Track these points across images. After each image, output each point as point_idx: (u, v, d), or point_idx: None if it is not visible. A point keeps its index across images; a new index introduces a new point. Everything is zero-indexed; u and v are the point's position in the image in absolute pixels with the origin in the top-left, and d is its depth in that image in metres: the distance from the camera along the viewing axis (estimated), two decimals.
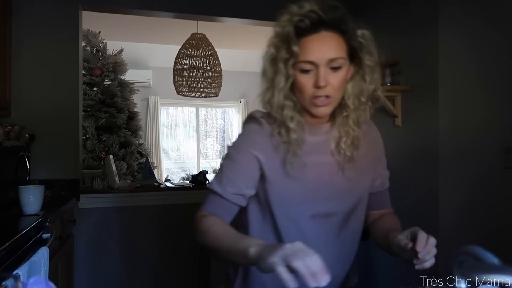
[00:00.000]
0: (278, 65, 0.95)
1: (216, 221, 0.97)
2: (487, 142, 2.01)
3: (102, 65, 4.37)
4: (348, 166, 1.03)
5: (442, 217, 2.19)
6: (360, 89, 1.00)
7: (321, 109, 0.96)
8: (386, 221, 1.13)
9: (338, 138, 1.03)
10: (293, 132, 0.98)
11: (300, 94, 0.96)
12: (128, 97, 4.57)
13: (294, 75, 0.95)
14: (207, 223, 0.97)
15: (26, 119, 2.58)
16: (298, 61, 0.93)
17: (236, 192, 1.01)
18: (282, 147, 1.00)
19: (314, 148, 1.02)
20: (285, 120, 0.98)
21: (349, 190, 1.05)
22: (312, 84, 0.93)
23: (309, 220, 1.03)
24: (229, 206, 1.02)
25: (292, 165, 0.99)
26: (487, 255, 0.58)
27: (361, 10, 3.00)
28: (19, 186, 1.99)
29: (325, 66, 0.92)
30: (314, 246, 0.96)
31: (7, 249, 1.35)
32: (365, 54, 0.98)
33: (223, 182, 1.02)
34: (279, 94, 0.96)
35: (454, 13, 2.18)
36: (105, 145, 4.27)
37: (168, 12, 2.97)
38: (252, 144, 1.03)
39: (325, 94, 0.93)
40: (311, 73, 0.93)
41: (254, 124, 1.05)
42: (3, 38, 2.38)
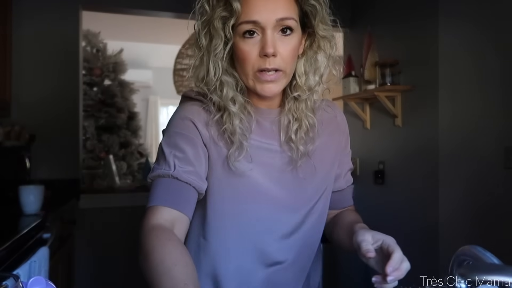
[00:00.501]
0: (214, 27, 0.76)
1: (168, 244, 0.69)
2: (486, 142, 2.01)
3: (102, 65, 4.37)
4: (302, 163, 0.85)
5: (441, 216, 2.20)
6: (314, 67, 0.83)
7: (268, 86, 0.78)
8: (348, 214, 0.96)
9: (289, 127, 0.84)
10: (237, 117, 0.79)
11: (241, 66, 0.78)
12: (128, 97, 4.57)
13: (234, 41, 0.77)
14: (153, 243, 0.69)
15: (26, 119, 2.58)
16: (239, 23, 0.75)
17: (190, 170, 0.79)
18: (223, 137, 0.82)
19: (260, 139, 0.85)
20: (226, 102, 0.79)
21: (307, 192, 0.88)
22: (257, 53, 0.76)
23: (252, 225, 0.86)
24: (185, 190, 0.78)
25: (236, 160, 0.81)
26: (487, 255, 0.58)
27: (361, 10, 3.00)
28: (19, 186, 1.99)
29: (273, 29, 0.75)
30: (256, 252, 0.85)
31: (7, 249, 1.35)
32: (319, 22, 0.80)
33: (169, 162, 0.79)
34: (217, 65, 0.78)
35: (454, 13, 2.18)
36: (105, 145, 4.27)
37: (168, 12, 2.97)
38: (189, 111, 0.84)
39: (274, 67, 0.76)
40: (256, 38, 0.76)
41: (191, 101, 0.87)
42: (3, 38, 2.38)
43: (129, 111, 4.54)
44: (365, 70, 2.67)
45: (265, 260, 0.87)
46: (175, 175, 0.78)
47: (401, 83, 2.48)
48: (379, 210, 2.67)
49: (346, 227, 0.89)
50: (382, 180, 2.65)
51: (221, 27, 0.76)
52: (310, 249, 0.93)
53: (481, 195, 2.03)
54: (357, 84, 2.82)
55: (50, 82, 2.69)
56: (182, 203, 0.77)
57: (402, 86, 2.45)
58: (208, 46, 0.78)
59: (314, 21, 0.80)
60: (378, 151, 2.71)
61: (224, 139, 0.82)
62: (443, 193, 2.19)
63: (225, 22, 0.76)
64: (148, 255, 0.67)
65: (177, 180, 0.78)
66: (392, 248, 0.70)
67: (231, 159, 0.81)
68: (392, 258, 0.68)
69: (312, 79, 0.83)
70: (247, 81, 0.80)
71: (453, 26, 2.18)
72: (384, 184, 2.64)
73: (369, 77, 2.65)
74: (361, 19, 2.97)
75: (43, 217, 1.86)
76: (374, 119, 2.80)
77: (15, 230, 1.57)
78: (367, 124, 2.83)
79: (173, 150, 0.80)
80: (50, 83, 2.69)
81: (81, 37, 2.85)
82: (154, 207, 0.76)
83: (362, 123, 2.87)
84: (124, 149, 4.40)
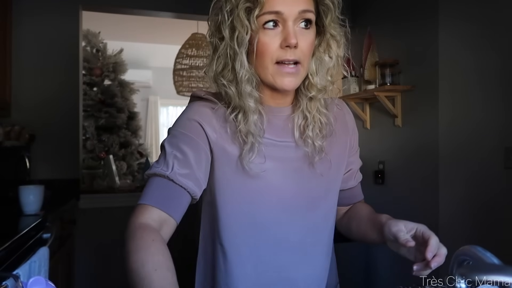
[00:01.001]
0: (239, 17, 0.74)
1: (151, 246, 0.68)
2: (486, 142, 2.01)
3: (102, 65, 4.37)
4: (319, 159, 0.85)
5: (442, 217, 2.19)
6: (324, 66, 0.83)
7: (289, 80, 0.77)
8: (362, 208, 0.97)
9: (304, 125, 0.84)
10: (253, 114, 0.78)
11: (261, 58, 0.77)
12: (128, 97, 4.58)
13: (254, 32, 0.75)
14: (137, 242, 0.68)
15: (26, 119, 2.58)
16: (262, 13, 0.74)
17: (187, 173, 0.77)
18: (235, 138, 0.81)
19: (273, 138, 0.83)
20: (244, 97, 0.77)
21: (323, 189, 0.88)
22: (277, 45, 0.75)
23: (268, 229, 0.84)
24: (179, 193, 0.77)
25: (250, 160, 0.79)
26: (487, 255, 0.58)
27: (361, 10, 3.00)
28: (19, 186, 1.99)
29: (294, 22, 0.75)
30: (270, 260, 0.84)
31: (7, 249, 1.35)
32: (330, 21, 0.80)
33: (168, 163, 0.78)
34: (241, 56, 0.76)
35: (454, 13, 2.18)
36: (105, 145, 4.27)
37: (168, 12, 2.97)
38: (197, 113, 0.82)
39: (294, 59, 0.76)
40: (277, 30, 0.76)
41: (200, 101, 0.85)
42: (3, 38, 2.38)
43: (129, 111, 4.54)
44: (365, 70, 2.68)
45: (279, 262, 0.86)
46: (171, 176, 0.76)
47: (401, 83, 2.48)
48: (379, 210, 2.65)
49: (367, 220, 0.90)
50: (382, 180, 2.65)
51: (246, 18, 0.74)
52: (322, 245, 0.91)
53: (481, 195, 2.03)
54: (357, 84, 2.82)
55: (50, 82, 2.69)
56: (172, 207, 0.76)
57: (402, 86, 2.45)
58: (231, 37, 0.76)
59: (326, 20, 0.80)
60: (378, 151, 2.71)
61: (236, 139, 0.81)
62: (443, 193, 2.19)
63: (249, 13, 0.74)
64: (131, 255, 0.67)
65: (172, 182, 0.76)
66: (428, 234, 0.72)
67: (244, 159, 0.79)
68: (430, 244, 0.70)
69: (324, 78, 0.83)
70: (266, 75, 0.78)
71: (453, 26, 2.18)
72: (384, 184, 2.64)
73: (369, 77, 2.65)
74: (361, 19, 2.97)
75: (43, 217, 1.86)
76: (374, 119, 2.80)
77: (15, 230, 1.57)
78: (367, 124, 2.83)
79: (174, 150, 0.79)
80: (50, 83, 2.69)
81: (81, 37, 2.85)
82: (144, 206, 0.76)
83: (362, 123, 2.87)
84: (124, 149, 4.40)
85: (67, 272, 2.38)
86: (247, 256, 0.85)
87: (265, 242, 0.85)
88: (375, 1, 2.82)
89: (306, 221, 0.87)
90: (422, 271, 0.71)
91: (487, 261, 0.57)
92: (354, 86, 2.80)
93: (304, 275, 0.88)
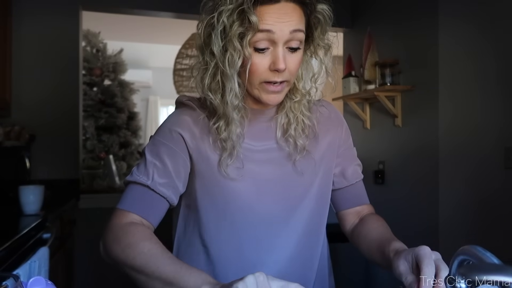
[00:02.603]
0: (232, 42, 0.75)
1: (147, 236, 0.74)
2: (486, 141, 2.01)
3: (102, 65, 4.38)
4: (300, 158, 0.87)
5: (441, 217, 2.20)
6: (309, 71, 0.86)
7: (273, 96, 0.80)
8: (373, 227, 0.92)
9: (287, 125, 0.86)
10: (235, 125, 0.81)
11: (249, 77, 0.78)
12: (128, 97, 4.58)
13: (246, 51, 0.77)
14: (134, 236, 0.74)
15: (26, 119, 2.58)
16: (253, 34, 0.76)
17: (166, 182, 0.82)
18: (218, 144, 0.84)
19: (252, 143, 0.86)
20: (229, 110, 0.80)
21: (305, 188, 0.89)
22: (267, 66, 0.77)
23: (249, 227, 0.86)
24: (158, 202, 0.82)
25: (228, 165, 0.83)
26: (487, 255, 0.57)
27: (361, 10, 3.00)
28: (19, 186, 1.99)
29: (284, 44, 0.77)
30: (254, 256, 0.85)
31: (7, 249, 1.35)
32: (320, 33, 0.82)
33: (149, 171, 0.82)
34: (232, 78, 0.78)
35: (454, 13, 2.18)
36: (105, 145, 4.27)
37: (168, 12, 2.97)
38: (177, 123, 0.86)
39: (282, 80, 0.78)
40: (267, 52, 0.77)
41: (184, 108, 0.88)
42: (3, 38, 2.38)
43: (129, 111, 4.54)
44: (365, 70, 2.68)
45: (263, 261, 0.87)
46: (152, 186, 0.81)
47: (401, 83, 2.48)
48: (379, 210, 2.65)
49: (377, 245, 0.86)
50: (382, 180, 2.65)
51: (239, 43, 0.75)
52: (309, 245, 0.92)
53: (481, 195, 2.03)
54: (357, 84, 2.82)
55: (50, 82, 2.69)
56: (152, 214, 0.82)
57: (402, 86, 2.45)
58: (222, 58, 0.77)
59: (316, 31, 0.82)
60: (378, 151, 2.71)
61: (217, 146, 0.84)
62: (443, 193, 2.19)
63: (242, 38, 0.75)
64: (132, 243, 0.72)
65: (153, 191, 0.81)
66: (421, 258, 0.66)
67: (223, 165, 0.82)
68: (422, 273, 0.65)
69: (308, 83, 0.86)
70: (252, 90, 0.81)
71: (453, 26, 2.18)
72: (384, 184, 2.64)
73: (369, 77, 2.65)
74: (361, 19, 2.97)
75: (43, 217, 1.86)
76: (374, 119, 2.80)
77: (15, 230, 1.57)
78: (367, 124, 2.83)
79: (154, 159, 0.83)
80: (50, 83, 2.69)
81: (81, 37, 2.85)
82: (125, 211, 0.80)
83: (362, 123, 2.87)
84: (124, 149, 4.40)
85: (67, 272, 2.38)
86: (231, 256, 0.87)
87: (248, 243, 0.86)
88: (375, 1, 2.81)
89: (290, 221, 0.88)
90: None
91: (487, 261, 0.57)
92: (354, 86, 2.80)
93: (289, 275, 0.87)
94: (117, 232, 0.76)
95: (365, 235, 0.91)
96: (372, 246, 0.87)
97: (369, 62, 2.65)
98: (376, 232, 0.89)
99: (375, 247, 0.85)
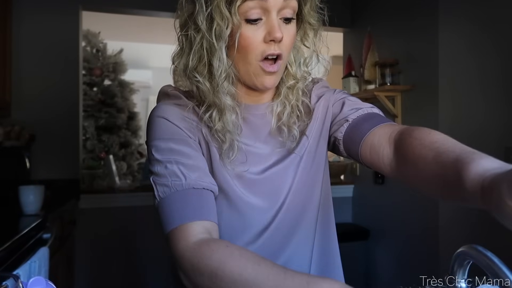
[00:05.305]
0: (218, 9, 0.67)
1: (226, 254, 0.59)
2: (486, 141, 2.01)
3: (102, 65, 4.38)
4: (295, 146, 0.80)
5: (441, 217, 2.19)
6: (302, 55, 0.80)
7: (269, 79, 0.73)
8: (431, 141, 0.64)
9: (281, 113, 0.79)
10: (229, 113, 0.73)
11: (244, 54, 0.71)
12: (128, 97, 4.58)
13: (235, 25, 0.69)
14: (211, 258, 0.59)
15: (26, 119, 2.58)
16: (244, 1, 0.68)
17: (199, 175, 0.70)
18: (215, 136, 0.75)
19: (248, 141, 0.79)
20: (221, 95, 0.72)
21: (309, 175, 0.82)
22: (261, 39, 0.70)
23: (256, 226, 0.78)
24: (206, 196, 0.69)
25: (231, 160, 0.75)
26: (487, 254, 0.58)
27: (361, 10, 3.00)
28: (19, 186, 1.99)
29: (278, 12, 0.70)
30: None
31: (8, 249, 1.35)
32: (310, 10, 0.75)
33: (176, 172, 0.69)
34: (220, 53, 0.70)
35: (454, 13, 2.18)
36: (105, 145, 4.27)
37: (168, 12, 2.97)
38: (167, 113, 0.76)
39: (279, 52, 0.71)
40: (260, 23, 0.69)
41: (169, 99, 0.80)
42: (3, 38, 2.39)
43: (129, 111, 4.55)
44: (365, 70, 2.68)
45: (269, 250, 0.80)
46: (190, 184, 0.68)
47: (401, 83, 2.48)
48: (379, 210, 2.67)
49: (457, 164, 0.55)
50: (382, 180, 2.65)
51: (227, 9, 0.67)
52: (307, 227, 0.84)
53: None
54: (357, 84, 2.82)
55: (50, 82, 2.69)
56: (210, 213, 0.68)
57: (402, 86, 2.45)
58: (208, 30, 0.69)
59: (305, 7, 0.75)
60: None
61: (214, 139, 0.76)
62: None
63: (230, 3, 0.67)
64: (218, 271, 0.58)
65: (193, 189, 0.68)
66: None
67: (225, 159, 0.75)
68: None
69: (301, 68, 0.80)
70: (247, 72, 0.73)
71: (453, 26, 2.18)
72: (384, 184, 2.64)
73: (369, 77, 2.65)
74: (361, 19, 2.97)
75: (43, 217, 1.86)
76: None
77: (15, 230, 1.57)
78: None
79: (172, 158, 0.71)
80: (50, 83, 2.69)
81: (81, 37, 2.85)
82: (181, 227, 0.65)
83: None
84: (124, 149, 4.40)
85: (67, 272, 2.38)
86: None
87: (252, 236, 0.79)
88: (375, 1, 2.81)
89: (293, 207, 0.81)
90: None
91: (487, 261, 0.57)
92: (354, 86, 2.80)
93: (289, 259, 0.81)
94: (192, 258, 0.61)
95: (424, 157, 0.62)
96: (449, 167, 0.56)
97: (369, 62, 2.65)
98: (444, 146, 0.61)
99: (455, 168, 0.54)
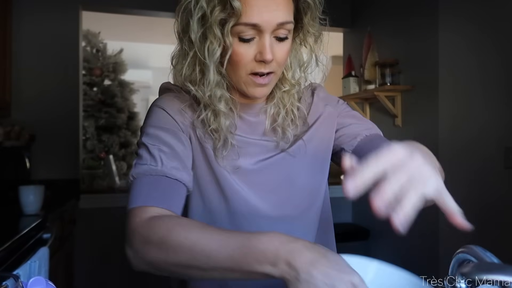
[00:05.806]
0: (211, 30, 0.69)
1: (176, 222, 0.62)
2: (486, 141, 2.01)
3: (102, 65, 4.38)
4: (290, 147, 0.82)
5: (442, 216, 2.19)
6: (299, 60, 0.81)
7: (260, 90, 0.75)
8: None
9: (276, 115, 0.81)
10: (224, 116, 0.76)
11: (234, 68, 0.73)
12: (128, 97, 4.58)
13: (229, 41, 0.71)
14: (161, 227, 0.61)
15: (26, 119, 2.58)
16: (237, 23, 0.69)
17: (178, 166, 0.72)
18: (210, 133, 0.78)
19: (244, 134, 0.81)
20: (214, 101, 0.75)
21: (303, 177, 0.83)
22: (252, 56, 0.71)
23: (248, 222, 0.80)
24: (176, 187, 0.70)
25: (223, 157, 0.77)
26: (487, 255, 0.57)
27: (361, 10, 3.00)
28: (19, 186, 1.99)
29: (271, 33, 0.71)
30: None
31: (8, 249, 1.35)
32: (310, 19, 0.76)
33: (155, 157, 0.72)
34: (211, 68, 0.72)
35: (454, 14, 2.18)
36: (105, 145, 4.27)
37: (168, 12, 2.97)
38: (165, 104, 0.80)
39: (269, 71, 0.73)
40: (252, 41, 0.71)
41: (170, 93, 0.84)
42: (3, 38, 2.38)
43: (129, 111, 4.55)
44: (365, 70, 2.68)
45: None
46: (164, 171, 0.70)
47: (401, 83, 2.48)
48: None
49: None
50: None
51: (220, 31, 0.69)
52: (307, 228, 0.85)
53: (481, 195, 2.03)
54: (357, 84, 2.82)
55: (50, 82, 2.69)
56: (173, 203, 0.69)
57: (402, 86, 2.45)
58: (201, 46, 0.72)
59: (305, 17, 0.76)
60: None
61: (209, 136, 0.78)
62: None
63: (224, 24, 0.69)
64: (165, 237, 0.60)
65: (166, 177, 0.70)
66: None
67: (218, 156, 0.77)
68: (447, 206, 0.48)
69: (298, 73, 0.81)
70: (238, 82, 0.75)
71: (453, 26, 2.18)
72: None
73: (369, 77, 2.65)
74: (361, 19, 2.97)
75: (43, 217, 1.86)
76: (374, 119, 2.80)
77: (15, 230, 1.57)
78: None
79: (157, 144, 0.74)
80: (50, 83, 2.69)
81: (81, 37, 2.85)
82: (141, 208, 0.66)
83: None
84: (124, 149, 4.40)
85: (67, 272, 2.38)
86: None
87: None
88: (375, 1, 2.81)
89: (287, 206, 0.82)
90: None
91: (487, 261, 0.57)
92: (354, 86, 2.81)
93: None
94: (142, 231, 0.63)
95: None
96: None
97: (369, 62, 2.65)
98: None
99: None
